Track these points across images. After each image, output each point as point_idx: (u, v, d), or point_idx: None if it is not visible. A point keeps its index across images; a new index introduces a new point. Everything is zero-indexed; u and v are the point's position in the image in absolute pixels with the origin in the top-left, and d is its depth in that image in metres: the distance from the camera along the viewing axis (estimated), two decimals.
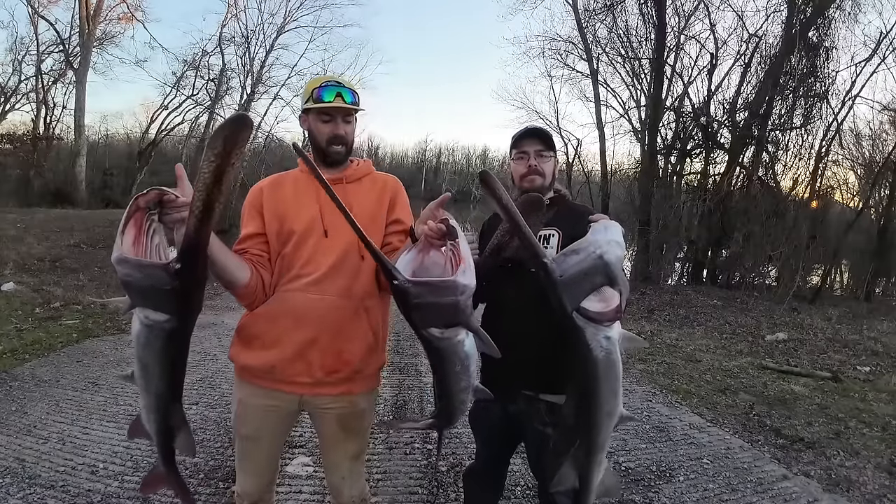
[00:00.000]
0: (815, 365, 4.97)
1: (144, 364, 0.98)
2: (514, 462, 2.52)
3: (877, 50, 10.06)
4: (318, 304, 1.29)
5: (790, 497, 2.45)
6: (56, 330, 4.46)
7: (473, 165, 48.02)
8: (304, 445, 2.61)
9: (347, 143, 1.37)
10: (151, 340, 0.95)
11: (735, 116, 10.99)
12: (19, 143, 16.18)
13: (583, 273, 0.98)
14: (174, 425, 1.10)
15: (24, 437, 2.56)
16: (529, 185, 1.45)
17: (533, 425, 1.44)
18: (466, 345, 1.04)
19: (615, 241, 1.01)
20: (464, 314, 0.99)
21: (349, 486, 1.43)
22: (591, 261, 0.98)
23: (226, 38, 17.64)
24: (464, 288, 0.97)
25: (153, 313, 0.93)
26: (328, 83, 1.33)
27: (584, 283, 0.99)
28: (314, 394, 1.34)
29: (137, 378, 1.02)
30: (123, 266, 0.89)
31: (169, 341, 0.96)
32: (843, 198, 12.47)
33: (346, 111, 1.34)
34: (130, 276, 0.89)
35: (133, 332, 0.97)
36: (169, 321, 0.93)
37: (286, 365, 1.30)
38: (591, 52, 13.17)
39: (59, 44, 16.46)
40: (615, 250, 1.00)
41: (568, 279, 0.98)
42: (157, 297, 0.91)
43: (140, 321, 0.94)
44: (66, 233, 9.45)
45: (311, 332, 1.29)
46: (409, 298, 0.97)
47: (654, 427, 3.21)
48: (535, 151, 1.46)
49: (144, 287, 0.90)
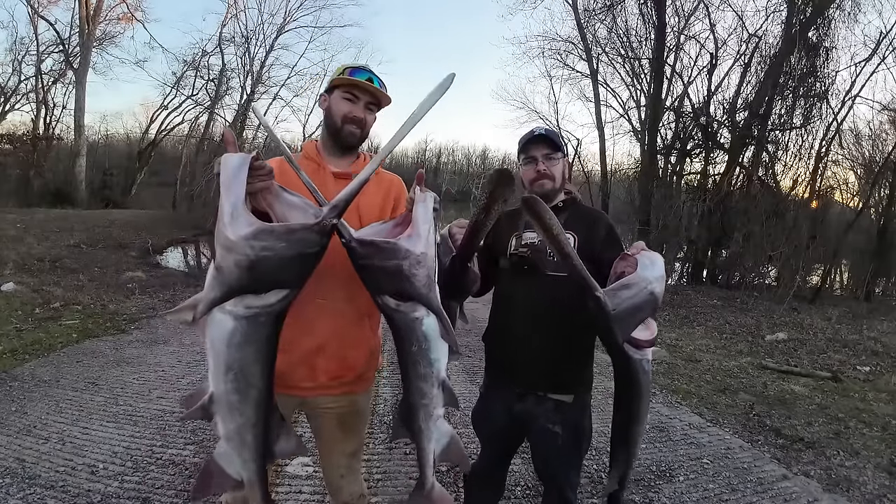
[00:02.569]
0: (815, 365, 4.97)
1: (241, 369, 0.83)
2: (514, 462, 2.52)
3: (877, 50, 10.08)
4: (324, 310, 1.26)
5: (790, 497, 2.45)
6: (56, 330, 4.46)
7: (473, 165, 48.10)
8: (304, 445, 2.60)
9: (363, 129, 1.33)
10: (252, 334, 0.82)
11: (735, 116, 11.00)
12: (19, 143, 16.19)
13: (635, 308, 1.06)
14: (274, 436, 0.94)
15: (24, 438, 2.56)
16: (539, 190, 1.46)
17: (540, 424, 1.45)
18: (426, 325, 0.99)
19: (662, 277, 1.09)
20: (413, 285, 0.94)
21: (348, 482, 1.43)
22: (643, 296, 1.06)
23: (226, 38, 17.68)
24: (406, 253, 0.92)
25: (258, 298, 0.81)
26: (363, 67, 1.30)
27: (636, 316, 1.07)
28: (316, 395, 1.33)
29: (224, 397, 0.84)
30: (264, 238, 0.77)
31: (277, 324, 0.85)
32: (842, 198, 12.47)
33: (370, 99, 1.31)
34: (271, 248, 0.78)
35: (220, 337, 0.81)
36: (285, 298, 0.83)
37: (292, 371, 1.27)
38: (591, 52, 13.21)
39: (59, 44, 16.51)
40: (662, 285, 1.09)
41: (621, 313, 1.04)
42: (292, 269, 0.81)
43: (234, 316, 0.81)
44: (66, 233, 9.45)
45: (318, 339, 1.27)
46: (356, 258, 0.95)
47: (654, 427, 3.21)
48: (542, 155, 1.46)
49: (284, 259, 0.79)
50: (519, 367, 1.47)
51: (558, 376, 1.44)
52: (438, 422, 1.11)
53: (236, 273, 0.79)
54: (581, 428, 1.46)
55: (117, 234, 10.28)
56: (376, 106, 1.34)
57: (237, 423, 0.87)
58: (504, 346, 1.52)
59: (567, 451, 1.45)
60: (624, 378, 1.15)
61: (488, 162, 46.06)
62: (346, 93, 1.29)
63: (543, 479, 1.58)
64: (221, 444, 0.91)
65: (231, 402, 0.85)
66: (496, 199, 1.06)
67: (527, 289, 1.43)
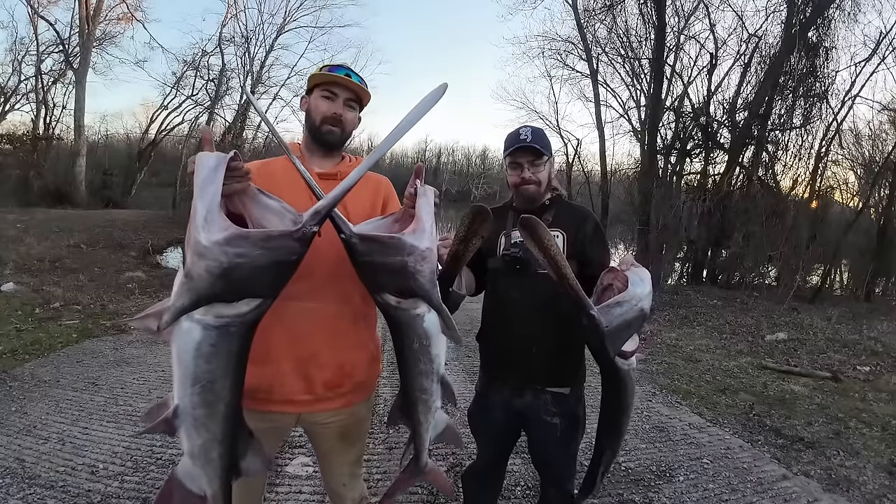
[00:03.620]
0: (815, 365, 4.97)
1: (209, 382, 0.78)
2: (514, 462, 2.52)
3: (876, 50, 10.07)
4: (315, 313, 1.19)
5: (790, 497, 2.45)
6: (56, 330, 4.46)
7: (473, 165, 48.05)
8: (304, 446, 2.60)
9: (344, 128, 1.29)
10: (222, 345, 0.78)
11: (735, 116, 10.99)
12: (19, 143, 16.16)
13: (626, 324, 1.11)
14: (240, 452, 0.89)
15: (24, 438, 2.56)
16: (524, 194, 1.49)
17: (539, 416, 1.47)
18: (427, 321, 0.97)
19: (650, 293, 1.15)
20: (417, 282, 0.92)
21: (350, 489, 1.40)
22: (634, 313, 1.11)
23: (226, 39, 17.72)
24: (411, 248, 0.89)
25: (229, 307, 0.76)
26: (341, 65, 1.28)
27: (627, 331, 1.13)
28: (313, 410, 1.24)
29: (189, 411, 0.79)
30: (238, 244, 0.73)
31: (248, 336, 0.81)
32: (842, 198, 12.46)
33: (349, 95, 1.27)
34: (246, 255, 0.74)
35: (187, 347, 0.76)
36: (258, 308, 0.78)
37: (284, 383, 1.18)
38: (591, 52, 13.20)
39: (59, 44, 16.49)
40: (650, 301, 1.15)
41: (613, 329, 1.09)
42: (267, 278, 0.77)
43: (204, 326, 0.76)
44: (66, 233, 9.45)
45: (309, 347, 1.19)
46: (357, 255, 0.92)
47: (654, 427, 3.21)
48: (528, 162, 1.47)
49: (259, 267, 0.75)
50: (515, 364, 1.48)
51: (555, 371, 1.46)
52: (437, 413, 1.12)
53: (207, 280, 0.74)
54: (577, 416, 1.50)
55: (117, 234, 10.28)
56: (356, 103, 1.31)
57: (203, 439, 0.83)
58: (499, 344, 1.53)
59: (565, 439, 1.48)
60: (611, 382, 1.26)
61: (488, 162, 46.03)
62: (324, 91, 1.26)
63: (540, 466, 1.60)
64: (185, 461, 0.86)
65: (197, 417, 0.80)
66: (474, 233, 1.07)
67: (519, 288, 1.44)
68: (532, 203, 1.50)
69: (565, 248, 1.42)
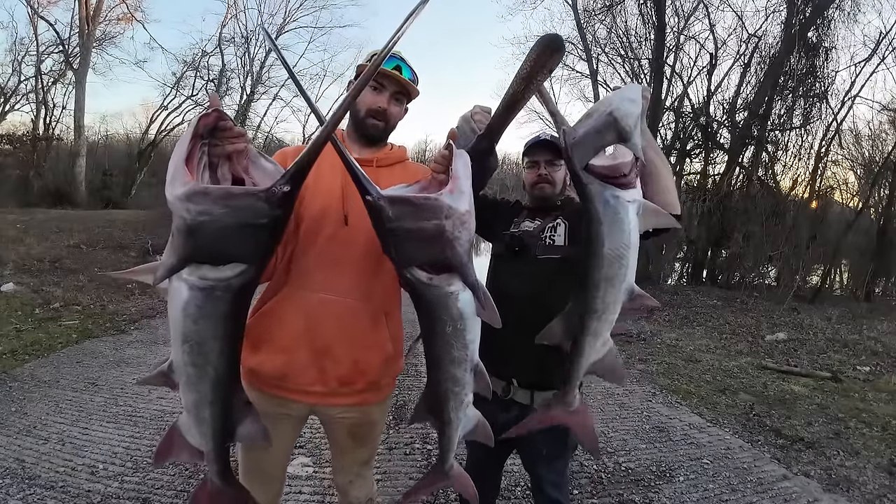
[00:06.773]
0: (815, 365, 4.97)
1: (197, 343, 0.78)
2: (515, 462, 2.52)
3: (876, 50, 10.10)
4: (333, 306, 1.16)
5: (790, 497, 2.45)
6: (56, 330, 4.46)
7: None
8: (304, 446, 2.60)
9: (388, 121, 1.25)
10: (207, 307, 0.76)
11: (735, 116, 11.01)
12: (19, 143, 16.14)
13: (594, 131, 0.94)
14: (235, 418, 0.89)
15: (24, 438, 2.56)
16: (539, 193, 1.50)
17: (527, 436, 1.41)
18: (462, 301, 0.85)
19: (628, 98, 0.94)
20: (454, 251, 0.81)
21: (356, 487, 1.40)
22: (601, 118, 0.93)
23: (225, 39, 17.75)
24: (450, 211, 0.79)
25: (214, 270, 0.75)
26: (393, 55, 1.20)
27: (594, 140, 0.95)
28: (326, 404, 1.24)
29: (182, 368, 0.81)
30: (199, 201, 0.70)
31: (236, 303, 0.78)
32: (842, 198, 12.48)
33: (397, 88, 1.23)
34: (208, 213, 0.70)
35: (176, 305, 0.77)
36: (242, 274, 0.76)
37: (299, 373, 1.18)
38: (591, 52, 13.18)
39: (59, 44, 16.48)
40: (627, 107, 0.93)
41: (579, 139, 0.95)
42: (237, 240, 0.73)
43: (190, 286, 0.75)
44: (66, 233, 9.43)
45: (324, 339, 1.17)
46: (384, 220, 0.81)
47: (654, 427, 3.21)
48: (545, 161, 1.49)
49: (226, 227, 0.71)
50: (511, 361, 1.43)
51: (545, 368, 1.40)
52: (468, 409, 1.01)
53: (179, 238, 0.72)
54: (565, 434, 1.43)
55: (117, 234, 10.27)
56: (404, 97, 1.26)
57: (194, 397, 0.84)
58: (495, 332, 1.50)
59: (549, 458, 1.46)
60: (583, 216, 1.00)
61: None
62: (372, 81, 1.18)
63: (530, 474, 1.59)
64: (184, 414, 0.89)
65: (189, 375, 0.82)
66: (539, 67, 0.93)
67: (518, 275, 1.43)
68: (545, 203, 1.51)
69: (566, 236, 1.43)
